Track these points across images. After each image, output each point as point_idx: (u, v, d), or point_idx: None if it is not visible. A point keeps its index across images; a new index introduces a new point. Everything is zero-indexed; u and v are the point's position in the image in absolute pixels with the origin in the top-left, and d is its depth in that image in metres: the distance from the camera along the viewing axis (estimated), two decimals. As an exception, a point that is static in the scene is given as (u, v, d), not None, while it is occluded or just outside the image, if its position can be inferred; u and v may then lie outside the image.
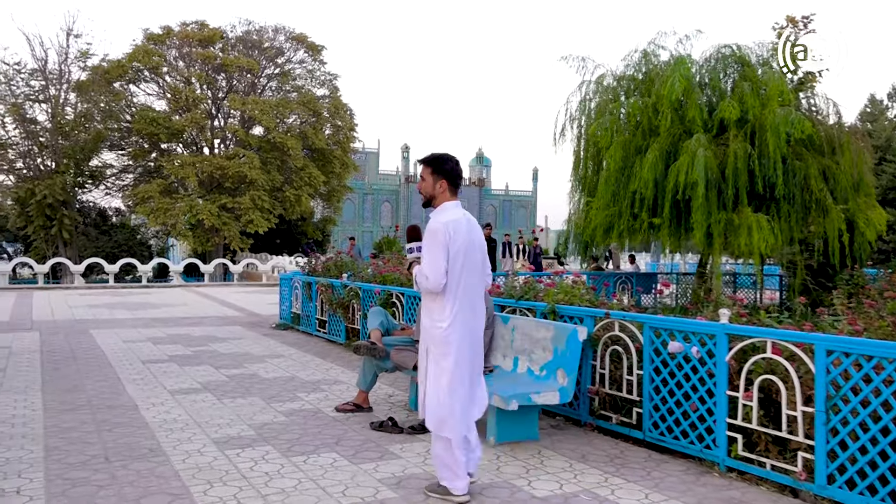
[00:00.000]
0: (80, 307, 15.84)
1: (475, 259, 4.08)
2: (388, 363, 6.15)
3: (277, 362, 8.66)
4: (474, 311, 4.09)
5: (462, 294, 3.99)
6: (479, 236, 4.17)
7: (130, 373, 7.78)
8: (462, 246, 3.98)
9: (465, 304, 4.01)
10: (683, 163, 13.65)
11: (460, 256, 3.97)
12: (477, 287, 4.12)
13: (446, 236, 3.93)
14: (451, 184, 4.16)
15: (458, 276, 3.97)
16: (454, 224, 3.98)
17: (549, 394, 5.05)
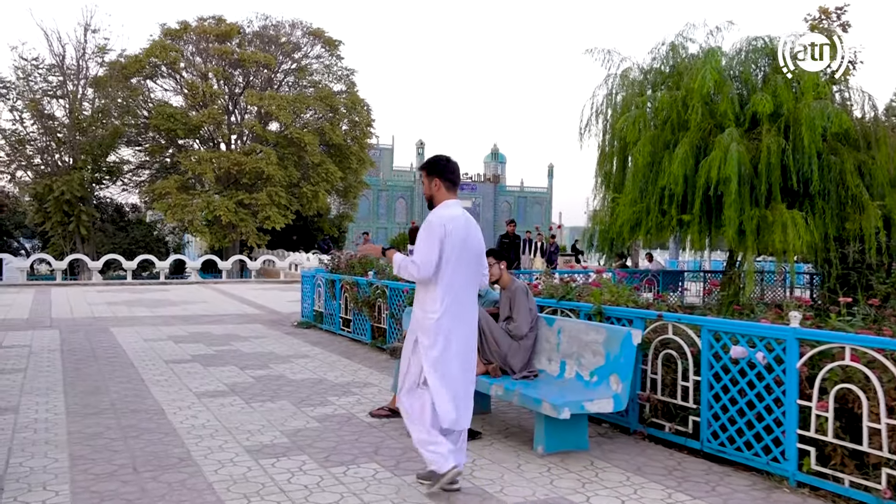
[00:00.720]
0: (99, 304, 15.68)
1: (469, 257, 4.16)
2: (424, 367, 5.86)
3: (303, 363, 8.40)
4: (465, 308, 4.16)
5: (455, 289, 4.08)
6: (475, 236, 4.24)
7: (153, 373, 7.54)
8: (457, 242, 4.07)
9: (456, 299, 4.09)
10: (716, 157, 13.25)
11: (455, 252, 4.06)
12: (470, 285, 4.20)
13: (442, 230, 4.02)
14: (446, 181, 4.23)
15: (451, 271, 4.06)
16: (452, 220, 4.09)
17: (603, 401, 4.74)
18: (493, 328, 5.47)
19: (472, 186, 78.44)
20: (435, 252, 4.01)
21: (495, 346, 5.45)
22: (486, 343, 5.47)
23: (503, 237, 15.56)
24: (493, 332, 5.46)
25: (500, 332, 5.49)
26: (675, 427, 5.08)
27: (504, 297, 5.72)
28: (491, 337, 5.45)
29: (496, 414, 6.04)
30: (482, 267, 4.34)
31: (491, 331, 5.45)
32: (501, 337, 5.46)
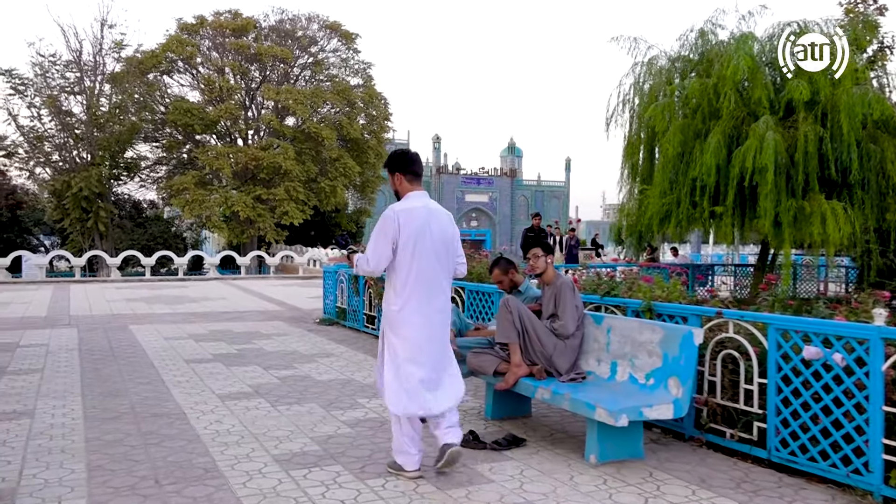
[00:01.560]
0: (118, 301, 15.46)
1: (431, 247, 4.13)
2: (462, 368, 5.49)
3: (329, 362, 8.06)
4: (430, 298, 4.16)
5: (414, 280, 4.09)
6: (440, 225, 4.21)
7: (174, 374, 7.23)
8: (413, 233, 4.07)
9: (417, 290, 4.11)
10: (751, 146, 12.76)
11: (410, 244, 4.07)
12: (435, 275, 4.17)
13: (395, 223, 4.06)
14: (405, 174, 4.25)
15: (408, 263, 4.08)
16: (406, 212, 4.10)
17: (663, 407, 4.34)
18: (536, 327, 5.09)
19: (489, 181, 77.91)
20: (386, 246, 4.07)
21: (539, 346, 5.07)
22: (530, 343, 5.09)
23: (528, 231, 15.15)
24: (538, 332, 5.08)
25: (544, 331, 5.10)
26: (737, 434, 4.68)
27: (548, 294, 5.33)
28: (535, 336, 5.07)
29: (537, 418, 5.67)
30: (451, 256, 4.28)
31: (535, 330, 5.08)
32: (546, 336, 5.08)
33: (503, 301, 5.15)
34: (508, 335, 5.08)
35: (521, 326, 5.07)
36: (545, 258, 5.37)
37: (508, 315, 5.06)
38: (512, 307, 5.07)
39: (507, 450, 4.75)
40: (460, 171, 76.08)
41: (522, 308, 5.12)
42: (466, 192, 76.33)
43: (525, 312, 5.09)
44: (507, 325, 5.08)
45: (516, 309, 5.07)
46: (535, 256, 5.43)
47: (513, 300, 5.13)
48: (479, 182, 77.61)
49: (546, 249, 5.44)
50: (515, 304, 5.10)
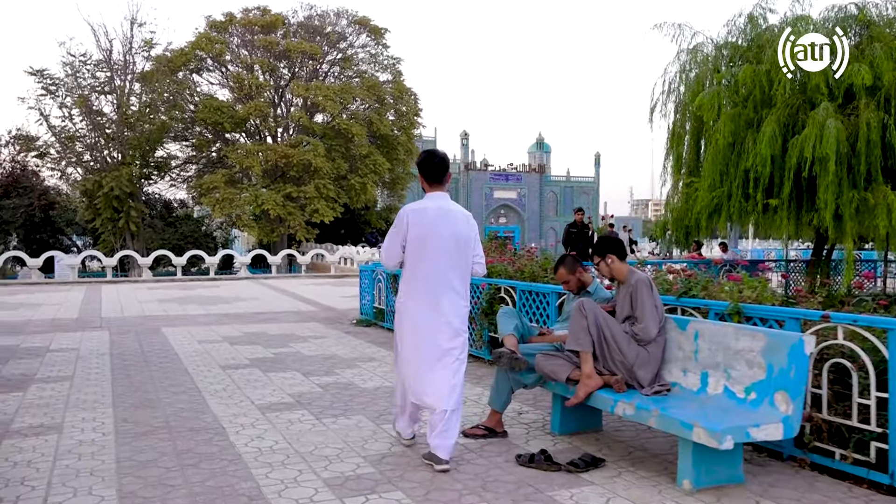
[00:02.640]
0: (150, 302, 15.17)
1: (440, 246, 4.31)
2: (527, 377, 4.96)
3: (371, 367, 7.57)
4: (436, 295, 4.32)
5: (419, 278, 4.33)
6: (453, 226, 4.36)
7: (210, 381, 6.79)
8: (421, 233, 4.29)
9: (420, 287, 4.33)
10: (810, 135, 12.01)
11: (418, 242, 4.30)
12: (442, 274, 4.32)
13: (404, 222, 4.33)
14: (426, 177, 4.48)
15: (415, 260, 4.33)
16: (417, 213, 4.36)
17: (770, 427, 3.76)
18: (615, 333, 4.53)
19: (517, 177, 77.15)
20: (396, 243, 4.36)
21: (619, 354, 4.52)
22: (608, 350, 4.54)
23: (570, 227, 14.54)
24: (616, 337, 4.52)
25: (623, 336, 4.55)
26: (850, 455, 4.09)
27: (622, 293, 4.77)
28: (613, 343, 4.52)
29: (609, 432, 5.11)
30: (465, 256, 4.40)
31: (613, 335, 4.52)
32: (626, 343, 4.52)
33: (578, 304, 4.59)
34: (580, 341, 4.53)
35: (597, 332, 4.53)
36: (604, 261, 4.81)
37: (583, 320, 4.51)
38: (588, 310, 4.52)
39: (584, 472, 4.21)
40: (488, 168, 75.44)
41: (599, 312, 4.57)
42: (495, 189, 75.70)
43: (603, 317, 4.54)
44: (580, 330, 4.53)
45: (592, 312, 4.52)
46: (597, 265, 4.90)
47: (588, 302, 4.58)
48: (507, 178, 76.93)
49: (600, 252, 4.84)
50: (592, 307, 4.55)
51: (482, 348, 7.96)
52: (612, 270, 4.81)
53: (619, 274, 4.80)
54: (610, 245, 4.87)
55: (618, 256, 4.84)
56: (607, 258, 4.80)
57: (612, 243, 4.90)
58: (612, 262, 4.80)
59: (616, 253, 4.84)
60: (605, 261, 4.81)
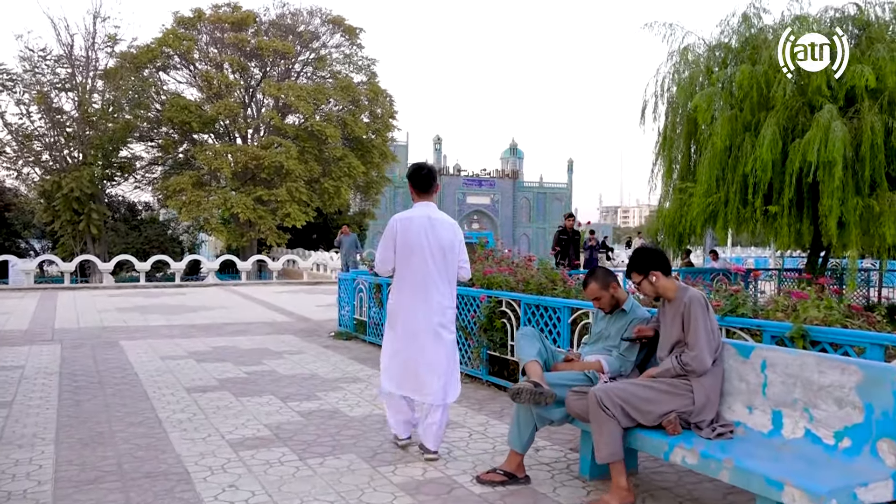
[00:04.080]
0: (109, 311, 14.09)
1: (427, 253, 4.56)
2: (554, 412, 4.17)
3: (357, 390, 6.73)
4: (424, 298, 4.58)
5: (406, 282, 4.59)
6: (439, 233, 4.61)
7: (173, 409, 5.89)
8: (409, 240, 4.55)
9: (408, 291, 4.60)
10: (814, 138, 11.46)
11: (406, 248, 4.56)
12: (429, 278, 4.57)
13: (393, 230, 4.60)
14: (415, 187, 4.71)
15: (403, 266, 4.59)
16: (405, 220, 4.60)
17: (880, 486, 3.02)
18: (644, 397, 3.80)
19: (491, 182, 76.67)
20: (388, 249, 4.62)
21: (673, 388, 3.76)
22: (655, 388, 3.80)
23: (560, 233, 13.82)
24: (652, 400, 3.79)
25: (659, 392, 3.82)
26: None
27: (670, 314, 4.01)
28: (653, 404, 3.78)
29: (646, 476, 4.35)
30: (451, 261, 4.65)
31: (646, 401, 3.79)
32: (670, 397, 3.78)
33: (596, 398, 3.78)
34: (613, 451, 3.75)
35: (628, 418, 3.79)
36: (646, 279, 4.05)
37: (610, 421, 3.74)
38: (608, 405, 3.74)
39: (635, 534, 3.43)
40: (461, 173, 74.83)
41: (617, 394, 3.78)
42: (468, 194, 75.13)
43: (621, 397, 3.77)
44: (608, 435, 3.75)
45: (613, 402, 3.75)
46: (636, 283, 4.13)
47: (605, 395, 3.77)
48: (480, 184, 76.42)
49: (640, 269, 4.08)
50: (609, 395, 3.76)
51: (480, 367, 7.16)
52: (658, 289, 4.04)
53: (667, 292, 4.04)
54: (653, 259, 4.09)
55: (662, 271, 4.07)
56: (651, 275, 4.04)
57: (654, 256, 4.12)
58: (657, 279, 4.04)
59: (661, 268, 4.07)
60: (648, 279, 4.04)
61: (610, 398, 3.73)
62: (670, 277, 4.10)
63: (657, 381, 3.84)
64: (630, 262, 4.13)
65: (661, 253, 4.18)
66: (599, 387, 3.83)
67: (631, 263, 4.12)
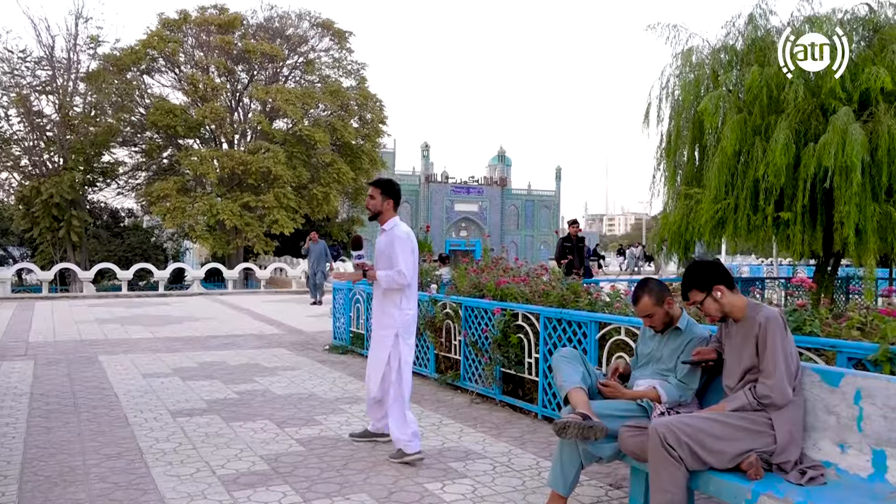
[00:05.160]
0: (88, 322, 13.36)
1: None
2: (603, 448, 3.58)
3: (360, 412, 6.12)
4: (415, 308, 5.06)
5: (413, 291, 4.96)
6: None
7: (157, 437, 5.25)
8: (415, 251, 4.97)
9: (415, 300, 5.01)
10: (830, 142, 10.96)
11: (415, 258, 4.94)
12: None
13: (412, 242, 4.92)
14: (396, 203, 5.03)
15: (413, 277, 4.91)
16: (412, 234, 4.99)
17: None
18: (712, 433, 3.22)
19: (479, 190, 76.22)
20: (413, 261, 4.86)
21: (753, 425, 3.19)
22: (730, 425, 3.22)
23: (564, 241, 13.23)
24: (720, 438, 3.22)
25: (729, 429, 3.25)
26: None
27: (738, 336, 3.45)
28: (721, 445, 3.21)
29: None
30: None
31: (712, 438, 3.22)
32: (748, 436, 3.22)
33: (655, 435, 3.20)
34: (674, 500, 3.18)
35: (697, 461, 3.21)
36: (711, 297, 3.47)
37: (672, 466, 3.17)
38: (676, 439, 3.17)
39: None
40: (449, 180, 74.35)
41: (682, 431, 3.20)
42: (456, 202, 74.67)
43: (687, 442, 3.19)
44: (672, 483, 3.18)
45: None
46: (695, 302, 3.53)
47: (669, 431, 3.18)
48: (468, 191, 76.00)
49: (702, 286, 3.48)
50: (676, 432, 3.18)
51: (493, 386, 6.57)
52: (724, 307, 3.47)
53: (734, 310, 3.46)
54: (715, 272, 3.51)
55: (727, 286, 3.50)
56: (715, 291, 3.46)
57: (716, 269, 3.53)
58: (722, 295, 3.46)
59: (725, 282, 3.50)
60: (711, 295, 3.46)
61: (676, 436, 3.14)
62: (736, 292, 3.53)
63: (730, 415, 3.27)
64: (687, 278, 3.53)
65: (721, 265, 3.60)
66: (662, 421, 3.24)
67: (689, 279, 3.52)
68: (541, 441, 5.28)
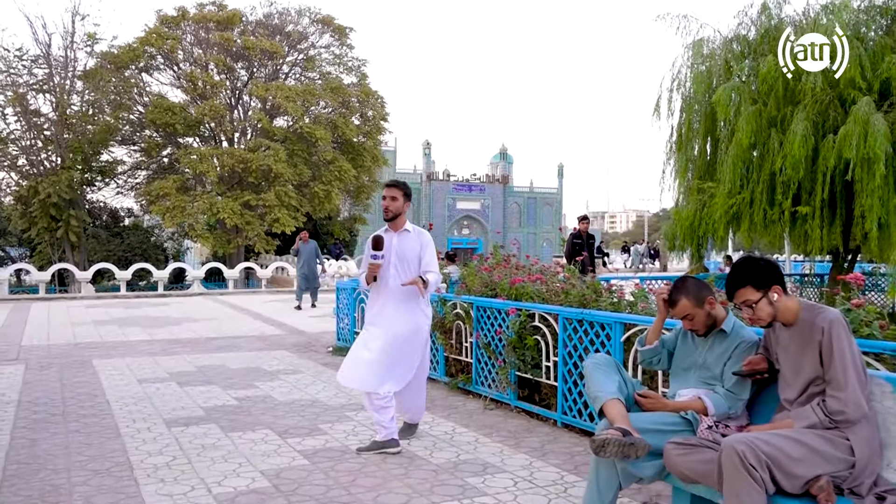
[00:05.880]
0: (85, 324, 12.99)
1: None
2: (644, 467, 3.19)
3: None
4: None
5: None
6: None
7: (149, 450, 4.87)
8: None
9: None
10: (851, 133, 10.63)
11: None
12: None
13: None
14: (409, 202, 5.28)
15: None
16: None
17: None
18: (788, 453, 2.80)
19: (481, 188, 75.71)
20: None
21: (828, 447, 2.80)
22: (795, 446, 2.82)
23: (574, 237, 12.85)
24: (797, 458, 2.79)
25: (810, 416, 2.86)
26: None
27: (794, 342, 3.06)
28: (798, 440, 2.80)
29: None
30: None
31: (788, 458, 2.80)
32: (818, 438, 2.82)
33: (733, 453, 2.77)
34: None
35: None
36: (765, 297, 3.07)
37: (754, 491, 2.75)
38: (757, 458, 2.73)
39: None
40: (451, 178, 73.93)
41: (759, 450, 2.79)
42: (458, 200, 74.16)
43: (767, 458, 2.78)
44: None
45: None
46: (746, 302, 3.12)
47: (750, 449, 2.73)
48: (470, 189, 75.50)
49: (759, 284, 3.06)
50: (756, 451, 2.74)
51: (507, 391, 6.19)
52: (778, 310, 3.07)
53: (787, 314, 3.07)
54: (775, 271, 3.12)
55: (783, 287, 3.11)
56: (772, 291, 3.07)
57: (775, 268, 3.14)
58: (779, 297, 3.07)
59: (781, 283, 3.11)
60: (767, 296, 3.07)
61: (756, 455, 2.73)
62: (792, 295, 3.14)
63: (806, 433, 2.87)
64: (742, 274, 3.13)
65: (777, 266, 3.20)
66: (739, 438, 2.83)
67: (744, 275, 3.12)
68: (562, 452, 4.90)
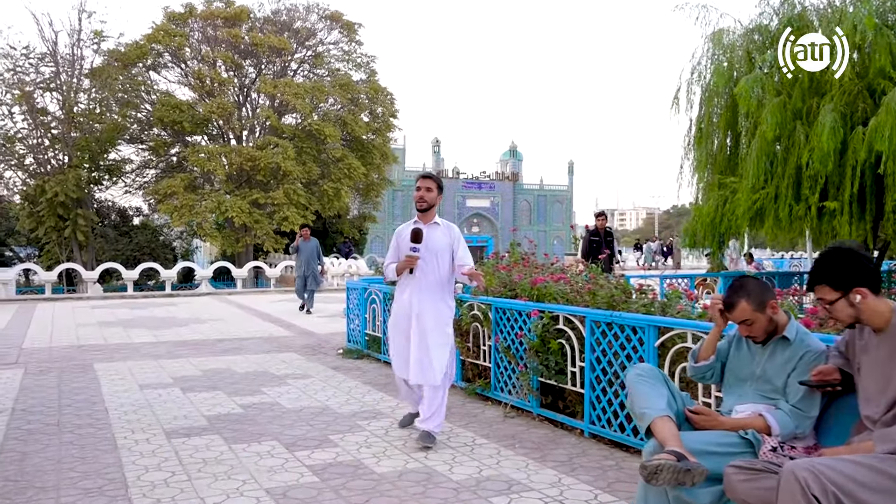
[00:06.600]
0: (89, 325, 12.68)
1: None
2: (700, 495, 2.79)
3: (381, 430, 5.37)
4: None
5: None
6: None
7: (146, 465, 4.51)
8: None
9: None
10: (883, 125, 10.16)
11: None
12: None
13: None
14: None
15: None
16: None
17: None
18: (862, 482, 2.40)
19: (490, 185, 75.29)
20: None
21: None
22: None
23: (591, 234, 12.44)
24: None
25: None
26: None
27: (882, 350, 2.68)
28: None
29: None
30: None
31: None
32: None
33: (793, 480, 2.36)
34: None
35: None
36: (846, 299, 2.68)
37: None
38: (822, 488, 2.32)
39: None
40: (460, 176, 73.55)
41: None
42: (467, 197, 73.78)
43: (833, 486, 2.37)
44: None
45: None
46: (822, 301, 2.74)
47: (813, 477, 2.32)
48: (480, 186, 75.11)
49: (837, 285, 2.70)
50: (821, 479, 2.33)
51: (529, 398, 5.81)
52: (861, 312, 2.68)
53: (875, 318, 2.68)
54: (861, 270, 2.72)
55: (871, 288, 2.71)
56: (854, 294, 2.67)
57: (862, 266, 2.73)
58: (864, 299, 2.67)
59: (869, 283, 2.71)
60: (848, 297, 2.68)
61: (821, 484, 2.34)
62: (881, 296, 2.74)
63: (884, 459, 2.47)
64: (820, 270, 2.75)
65: (870, 260, 2.81)
66: (802, 464, 2.43)
67: (822, 272, 2.74)
68: (593, 466, 4.51)
